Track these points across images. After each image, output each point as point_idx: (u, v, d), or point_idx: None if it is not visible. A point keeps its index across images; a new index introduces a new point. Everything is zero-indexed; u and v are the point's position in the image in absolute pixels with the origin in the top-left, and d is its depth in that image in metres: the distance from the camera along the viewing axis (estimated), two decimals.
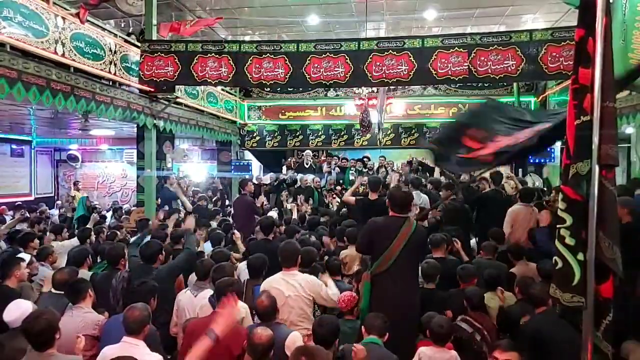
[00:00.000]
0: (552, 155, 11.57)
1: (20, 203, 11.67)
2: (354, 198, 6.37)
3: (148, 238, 5.26)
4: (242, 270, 4.77)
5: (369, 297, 3.75)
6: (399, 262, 3.70)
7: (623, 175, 10.50)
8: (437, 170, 9.99)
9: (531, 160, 12.03)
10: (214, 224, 8.04)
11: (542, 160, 11.94)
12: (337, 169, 12.27)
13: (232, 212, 8.40)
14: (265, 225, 5.46)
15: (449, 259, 4.88)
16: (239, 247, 5.76)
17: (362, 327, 3.28)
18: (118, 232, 6.72)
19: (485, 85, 12.06)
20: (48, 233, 7.30)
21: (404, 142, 13.29)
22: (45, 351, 2.72)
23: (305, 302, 3.70)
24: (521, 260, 4.90)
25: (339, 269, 4.72)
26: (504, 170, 10.12)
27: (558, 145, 10.94)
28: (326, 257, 5.11)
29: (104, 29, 7.49)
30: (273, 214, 8.04)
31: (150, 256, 4.40)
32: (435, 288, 4.22)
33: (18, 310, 3.06)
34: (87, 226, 6.81)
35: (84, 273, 4.54)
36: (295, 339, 3.06)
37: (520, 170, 12.91)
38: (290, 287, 3.67)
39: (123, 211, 10.43)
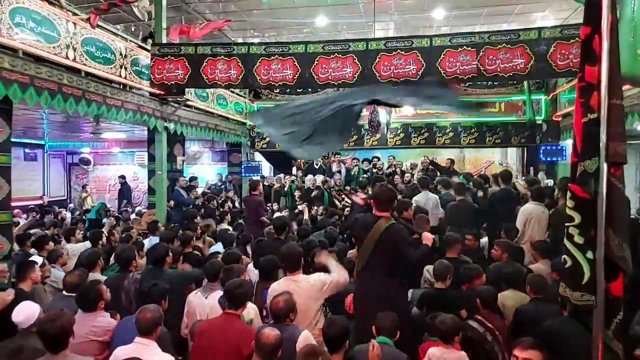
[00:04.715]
0: (564, 154, 11.44)
1: (33, 206, 11.82)
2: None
3: (157, 239, 5.29)
4: (251, 271, 4.80)
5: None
6: (373, 259, 3.80)
7: (637, 173, 10.38)
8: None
9: (544, 159, 11.90)
10: (224, 225, 8.10)
11: (555, 159, 11.81)
12: (344, 169, 12.29)
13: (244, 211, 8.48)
14: (279, 225, 5.51)
15: (462, 259, 4.81)
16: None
17: (373, 327, 3.27)
18: (131, 234, 6.78)
19: (495, 83, 11.97)
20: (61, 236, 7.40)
21: (414, 141, 13.21)
22: (59, 353, 2.76)
23: (314, 307, 3.60)
24: (545, 258, 4.84)
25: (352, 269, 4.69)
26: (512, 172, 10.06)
27: (569, 143, 10.84)
28: None
29: (114, 34, 7.56)
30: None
31: (158, 259, 4.44)
32: (447, 288, 4.15)
33: (27, 311, 3.13)
34: (101, 229, 6.89)
35: (99, 276, 4.57)
36: (306, 339, 3.05)
37: (532, 168, 12.81)
38: (298, 292, 3.50)
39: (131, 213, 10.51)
